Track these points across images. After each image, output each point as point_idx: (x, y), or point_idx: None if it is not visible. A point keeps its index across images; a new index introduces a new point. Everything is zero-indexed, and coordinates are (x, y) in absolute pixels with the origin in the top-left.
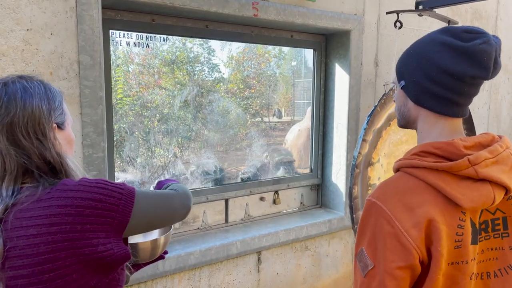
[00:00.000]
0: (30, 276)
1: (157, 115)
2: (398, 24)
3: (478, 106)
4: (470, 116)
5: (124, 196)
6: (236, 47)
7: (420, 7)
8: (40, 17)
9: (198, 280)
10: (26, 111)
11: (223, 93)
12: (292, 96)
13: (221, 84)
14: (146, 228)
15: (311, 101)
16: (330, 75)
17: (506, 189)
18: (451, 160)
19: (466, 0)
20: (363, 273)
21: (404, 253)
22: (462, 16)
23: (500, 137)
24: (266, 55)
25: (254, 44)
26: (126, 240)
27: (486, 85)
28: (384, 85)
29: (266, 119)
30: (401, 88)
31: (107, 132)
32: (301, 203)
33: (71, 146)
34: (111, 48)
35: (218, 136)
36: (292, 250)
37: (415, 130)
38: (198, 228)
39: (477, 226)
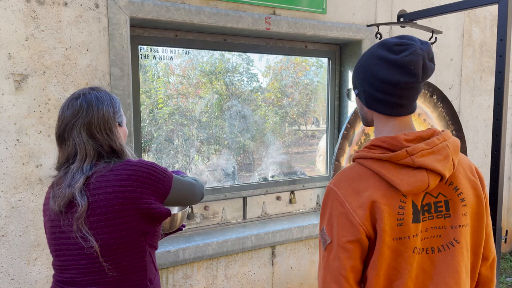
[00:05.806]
0: (106, 220)
1: (195, 123)
2: (378, 36)
3: None
4: (457, 118)
5: (167, 177)
6: (274, 57)
7: (401, 19)
8: (78, 36)
9: (216, 270)
10: (99, 114)
11: (260, 102)
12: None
13: (259, 93)
14: (177, 203)
15: (326, 107)
16: (344, 82)
17: (441, 175)
18: (394, 152)
19: (442, 12)
20: (324, 247)
21: (352, 229)
22: (480, 22)
23: (442, 131)
24: (303, 63)
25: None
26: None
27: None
28: (346, 92)
29: (303, 127)
30: (356, 96)
31: (134, 134)
32: (317, 203)
33: (125, 138)
34: (153, 61)
35: (253, 143)
36: (306, 247)
37: None
38: (217, 223)
39: (419, 207)
